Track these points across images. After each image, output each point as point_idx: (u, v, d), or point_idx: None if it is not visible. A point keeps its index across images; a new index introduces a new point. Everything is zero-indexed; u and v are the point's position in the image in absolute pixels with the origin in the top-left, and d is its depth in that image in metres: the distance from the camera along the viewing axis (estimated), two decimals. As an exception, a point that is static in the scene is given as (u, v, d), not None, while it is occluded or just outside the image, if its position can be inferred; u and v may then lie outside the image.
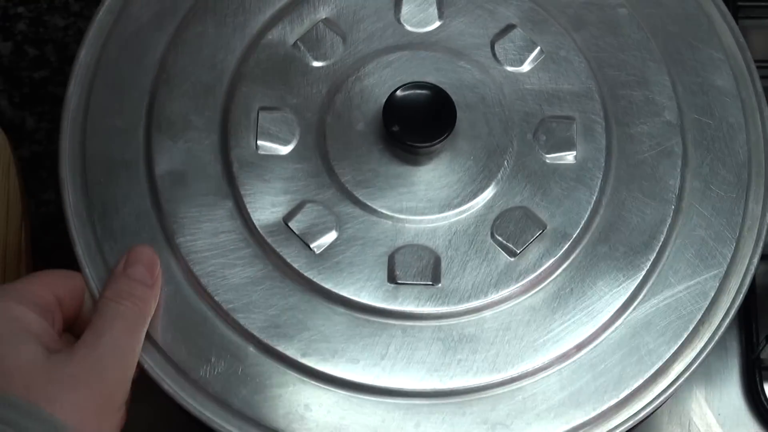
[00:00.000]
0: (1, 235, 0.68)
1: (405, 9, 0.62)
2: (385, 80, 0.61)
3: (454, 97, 0.59)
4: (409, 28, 0.62)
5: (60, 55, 0.83)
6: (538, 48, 0.61)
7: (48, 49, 0.83)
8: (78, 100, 0.63)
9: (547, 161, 0.60)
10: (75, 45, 0.80)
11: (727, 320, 0.58)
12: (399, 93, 0.59)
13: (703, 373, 0.58)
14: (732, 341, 0.66)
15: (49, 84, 0.82)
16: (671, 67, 0.62)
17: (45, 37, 0.83)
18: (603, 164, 0.60)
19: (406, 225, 0.59)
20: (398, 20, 0.62)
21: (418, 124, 0.58)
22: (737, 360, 0.67)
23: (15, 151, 0.74)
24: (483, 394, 0.57)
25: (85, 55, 0.64)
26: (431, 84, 0.59)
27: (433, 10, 0.62)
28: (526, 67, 0.61)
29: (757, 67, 0.62)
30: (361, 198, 0.59)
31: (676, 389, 0.57)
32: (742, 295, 0.59)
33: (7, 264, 0.67)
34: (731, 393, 0.66)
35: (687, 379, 0.58)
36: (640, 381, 0.57)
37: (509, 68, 0.61)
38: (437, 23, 0.62)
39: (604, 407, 0.57)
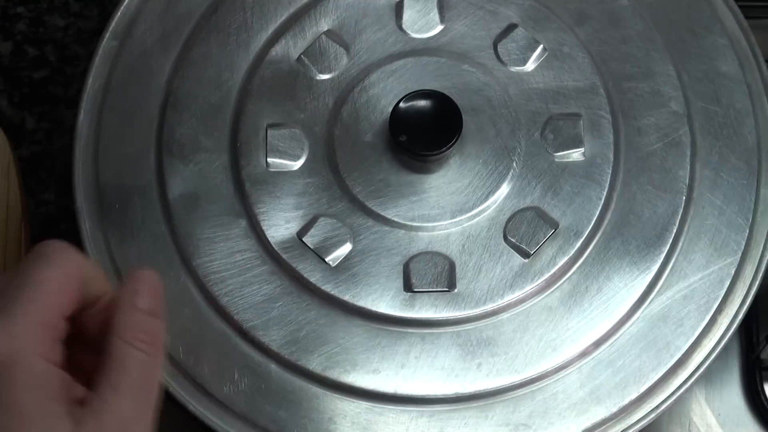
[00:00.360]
0: (0, 235, 0.67)
1: (406, 15, 0.61)
2: (390, 89, 0.60)
3: (459, 102, 0.58)
4: (411, 34, 0.61)
5: (60, 55, 0.80)
6: (541, 46, 0.60)
7: (48, 49, 0.81)
8: (88, 128, 0.62)
9: (556, 160, 0.59)
10: (75, 45, 0.80)
11: (744, 308, 0.57)
12: (404, 102, 0.58)
13: (703, 373, 0.57)
14: (732, 341, 0.64)
15: (49, 84, 0.79)
16: (675, 57, 0.60)
17: (45, 37, 0.81)
18: (612, 159, 0.58)
19: (419, 233, 0.58)
20: (400, 27, 0.61)
21: (425, 132, 0.57)
22: (737, 360, 0.65)
23: (15, 151, 0.73)
24: (504, 397, 0.56)
25: (92, 82, 0.63)
26: (436, 91, 0.58)
27: (435, 15, 0.61)
28: (530, 66, 0.60)
29: None
30: (373, 209, 0.58)
31: (696, 380, 0.56)
32: (758, 282, 0.57)
33: (7, 264, 0.67)
34: (731, 393, 0.65)
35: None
36: (660, 374, 0.56)
37: (513, 68, 0.60)
38: (439, 28, 0.61)
39: (625, 402, 0.56)
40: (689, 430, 0.63)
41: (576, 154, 0.59)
